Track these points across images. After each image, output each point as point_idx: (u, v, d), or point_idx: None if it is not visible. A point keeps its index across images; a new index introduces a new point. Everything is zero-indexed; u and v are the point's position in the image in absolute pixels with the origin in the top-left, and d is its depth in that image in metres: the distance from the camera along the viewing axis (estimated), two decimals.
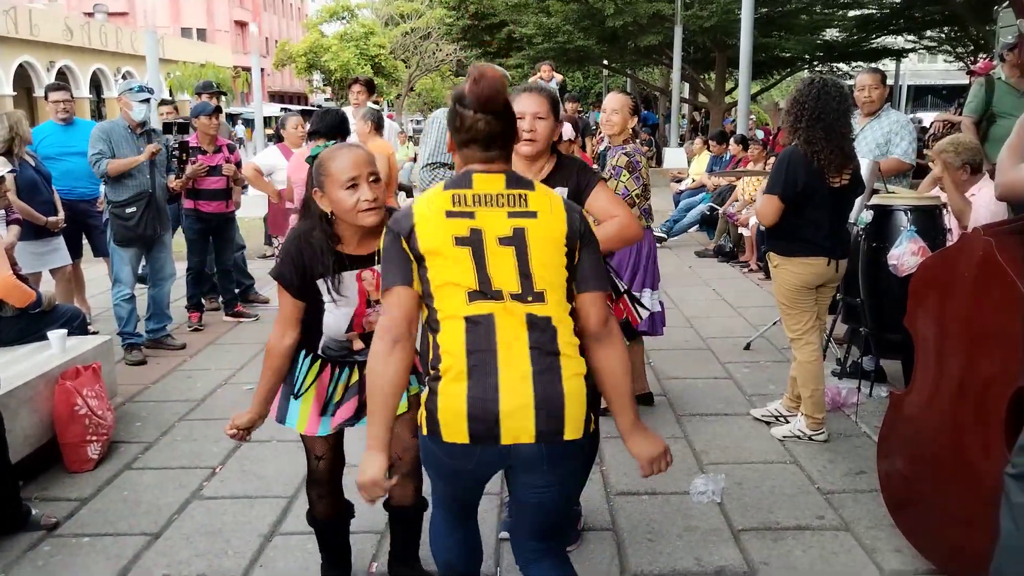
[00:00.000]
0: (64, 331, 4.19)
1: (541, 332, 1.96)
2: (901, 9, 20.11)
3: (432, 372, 1.99)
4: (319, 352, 2.61)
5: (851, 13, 21.46)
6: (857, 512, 3.41)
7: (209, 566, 3.09)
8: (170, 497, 3.63)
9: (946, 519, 2.79)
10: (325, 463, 2.76)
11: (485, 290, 1.96)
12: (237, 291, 6.89)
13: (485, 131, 2.03)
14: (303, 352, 2.62)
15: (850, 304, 4.86)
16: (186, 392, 4.98)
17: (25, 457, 3.69)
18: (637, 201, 4.06)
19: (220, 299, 6.82)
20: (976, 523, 2.57)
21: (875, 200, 4.58)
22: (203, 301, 6.65)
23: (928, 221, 4.40)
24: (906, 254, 4.11)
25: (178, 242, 6.26)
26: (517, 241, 1.99)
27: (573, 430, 1.96)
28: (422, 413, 2.01)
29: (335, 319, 2.51)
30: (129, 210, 5.40)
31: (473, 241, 1.97)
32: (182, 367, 5.48)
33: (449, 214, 1.99)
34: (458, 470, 2.06)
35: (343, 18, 42.10)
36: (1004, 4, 8.09)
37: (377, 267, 2.46)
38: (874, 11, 20.69)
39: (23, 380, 3.75)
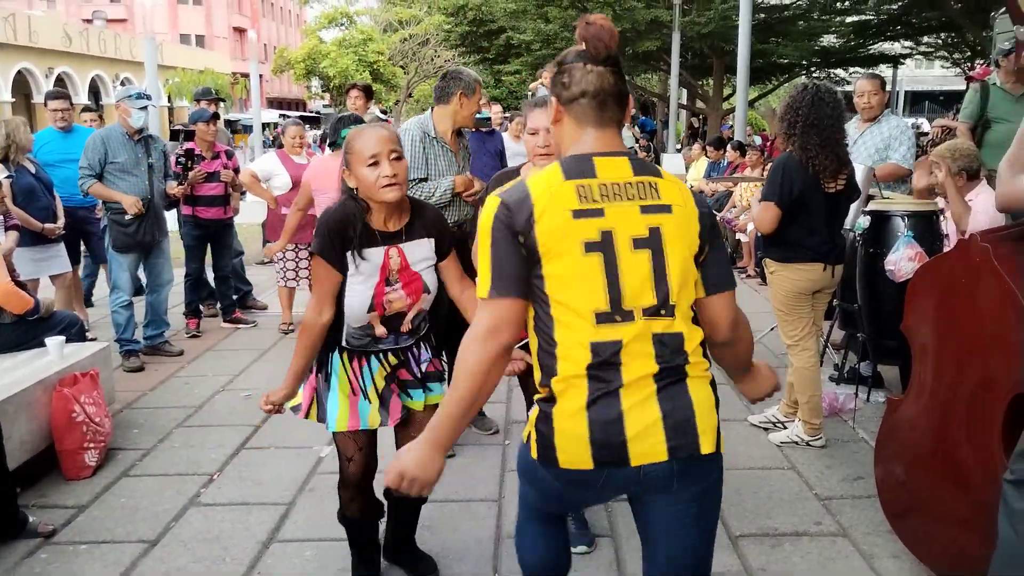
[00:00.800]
0: (62, 338, 4.19)
1: (669, 348, 1.78)
2: (898, 15, 20.15)
3: (544, 391, 1.81)
4: (344, 344, 2.67)
5: (848, 19, 21.51)
6: (855, 518, 3.41)
7: (207, 573, 3.09)
8: (168, 504, 3.62)
9: (944, 525, 2.80)
10: (355, 465, 2.80)
11: (616, 310, 1.74)
12: (235, 297, 6.90)
13: (598, 86, 1.80)
14: (331, 352, 2.70)
15: (847, 310, 4.87)
16: (184, 398, 4.98)
17: (22, 464, 3.68)
18: None
19: (218, 305, 6.82)
20: (974, 529, 2.57)
21: (872, 206, 4.59)
22: (201, 307, 6.64)
23: (925, 227, 4.41)
24: (903, 260, 4.12)
25: (176, 248, 6.25)
26: (653, 243, 1.75)
27: (708, 443, 1.80)
28: (530, 434, 1.84)
29: (356, 295, 2.55)
30: (128, 216, 5.41)
31: (604, 246, 1.73)
32: (180, 373, 5.48)
33: (577, 214, 1.73)
34: (570, 494, 1.93)
35: (342, 24, 42.15)
36: (1001, 10, 8.12)
37: (403, 245, 2.58)
38: (871, 17, 20.75)
39: (21, 387, 3.75)
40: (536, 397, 1.85)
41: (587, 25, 1.80)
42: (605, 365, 1.74)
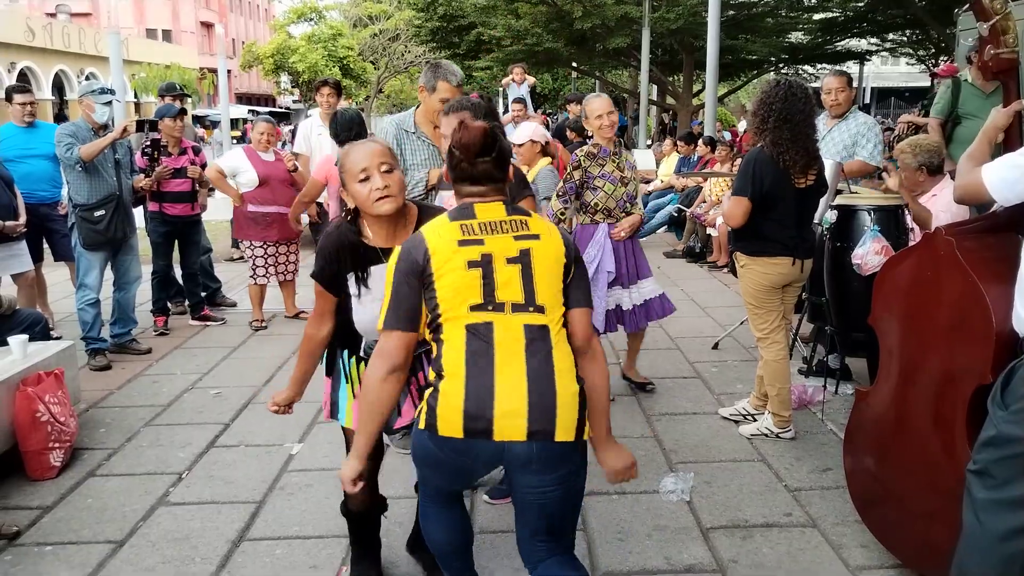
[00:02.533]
0: (25, 336, 4.11)
1: (539, 340, 2.13)
2: (864, 13, 20.37)
3: (435, 374, 2.15)
4: (361, 355, 2.68)
5: (816, 16, 21.71)
6: (824, 509, 3.45)
7: (176, 573, 3.05)
8: (136, 504, 3.57)
9: (911, 515, 2.83)
10: None
11: (488, 302, 2.13)
12: (204, 294, 6.82)
13: (470, 172, 2.24)
14: (346, 352, 2.72)
15: (815, 303, 4.92)
16: (152, 397, 4.92)
17: None
18: (561, 218, 4.57)
19: (186, 303, 6.74)
20: (940, 518, 2.61)
21: (839, 200, 4.64)
22: (169, 305, 6.56)
23: (891, 221, 4.46)
24: (869, 253, 4.16)
25: (143, 245, 6.17)
26: (523, 259, 2.18)
27: (564, 432, 2.10)
28: (422, 408, 2.16)
29: (366, 314, 2.53)
30: (98, 213, 5.32)
31: (484, 263, 2.15)
32: (147, 372, 5.41)
33: (461, 243, 2.16)
34: (449, 464, 2.19)
35: (311, 19, 41.80)
36: (965, 7, 8.23)
37: None
38: (838, 14, 20.95)
39: None
40: (433, 379, 2.17)
41: (459, 130, 2.22)
42: (481, 346, 2.11)
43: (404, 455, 3.25)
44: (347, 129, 5.18)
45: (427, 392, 2.18)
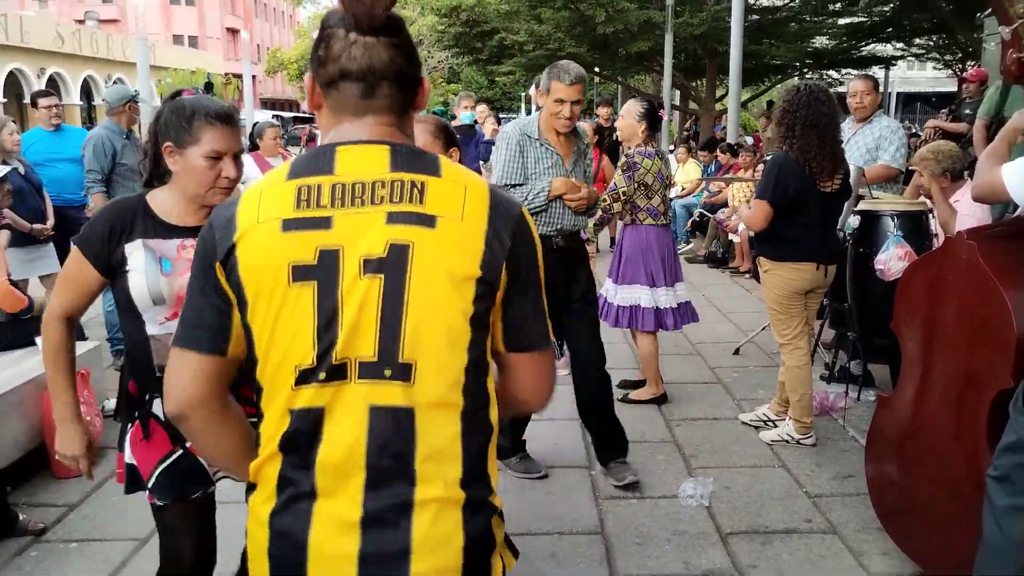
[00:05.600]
0: None
1: (390, 438, 1.24)
2: (890, 18, 20.22)
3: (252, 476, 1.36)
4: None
5: (841, 21, 21.58)
6: (845, 516, 3.43)
7: None
8: None
9: (932, 522, 2.81)
10: None
11: (324, 364, 1.23)
12: None
13: (364, 64, 1.28)
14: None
15: (837, 309, 4.89)
16: None
17: (13, 463, 3.68)
18: (623, 197, 4.44)
19: None
20: (961, 525, 2.58)
21: (862, 205, 4.62)
22: None
23: (914, 226, 4.44)
24: (893, 259, 4.14)
25: None
26: (391, 266, 1.23)
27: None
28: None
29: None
30: None
31: (321, 272, 1.23)
32: None
33: (288, 225, 1.24)
34: None
35: None
36: (988, 12, 8.16)
37: None
38: (864, 19, 20.81)
39: (11, 385, 3.75)
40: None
41: None
42: (299, 460, 1.26)
43: None
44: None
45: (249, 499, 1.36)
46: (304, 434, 1.25)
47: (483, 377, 1.32)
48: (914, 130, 18.95)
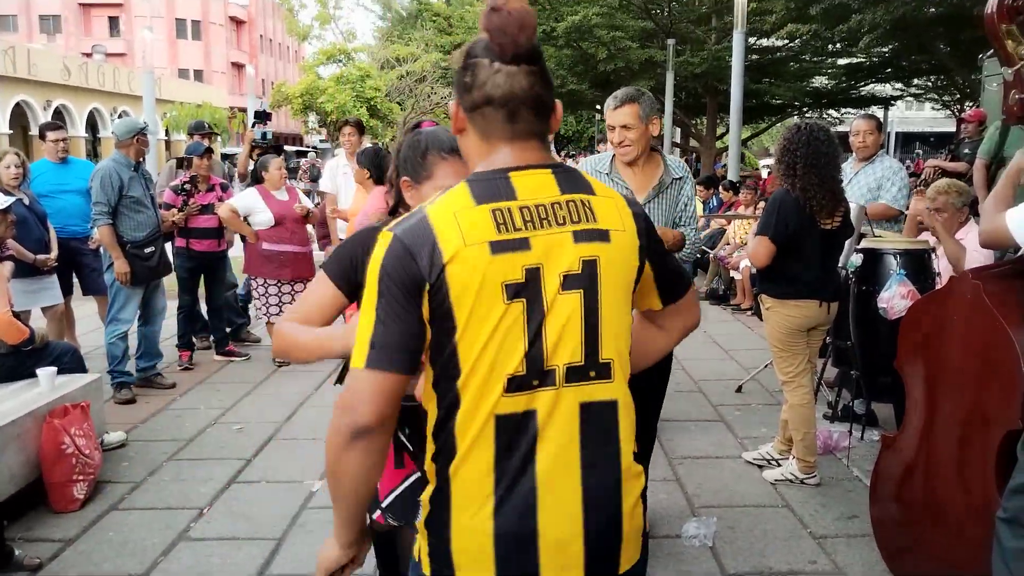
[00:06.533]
0: (54, 369, 4.16)
1: (599, 427, 1.43)
2: (889, 58, 20.46)
3: (435, 475, 1.44)
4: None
5: (840, 61, 21.82)
6: (850, 557, 3.39)
7: None
8: (156, 538, 3.58)
9: (939, 563, 2.78)
10: None
11: (534, 371, 1.36)
12: (228, 330, 6.87)
13: (507, 90, 1.39)
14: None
15: (840, 347, 4.87)
16: (175, 431, 4.94)
17: (10, 496, 3.64)
18: None
19: (211, 338, 6.80)
20: (969, 567, 2.56)
21: (865, 244, 4.62)
22: (194, 340, 6.62)
23: (917, 264, 4.44)
24: (896, 297, 4.14)
25: (169, 280, 6.25)
26: (586, 280, 1.39)
27: (629, 557, 1.49)
28: (422, 546, 1.46)
29: None
30: (148, 250, 5.48)
31: (529, 289, 1.35)
32: (171, 406, 5.45)
33: (496, 247, 1.34)
34: None
35: (339, 61, 42.52)
36: (988, 53, 8.25)
37: None
38: (863, 60, 21.04)
39: (11, 418, 3.72)
40: (426, 493, 1.45)
41: (491, 13, 1.36)
42: (516, 460, 1.38)
43: None
44: (376, 165, 4.81)
45: (421, 515, 1.47)
46: (518, 431, 1.37)
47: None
48: (911, 170, 19.08)
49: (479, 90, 1.40)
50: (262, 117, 7.45)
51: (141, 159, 5.57)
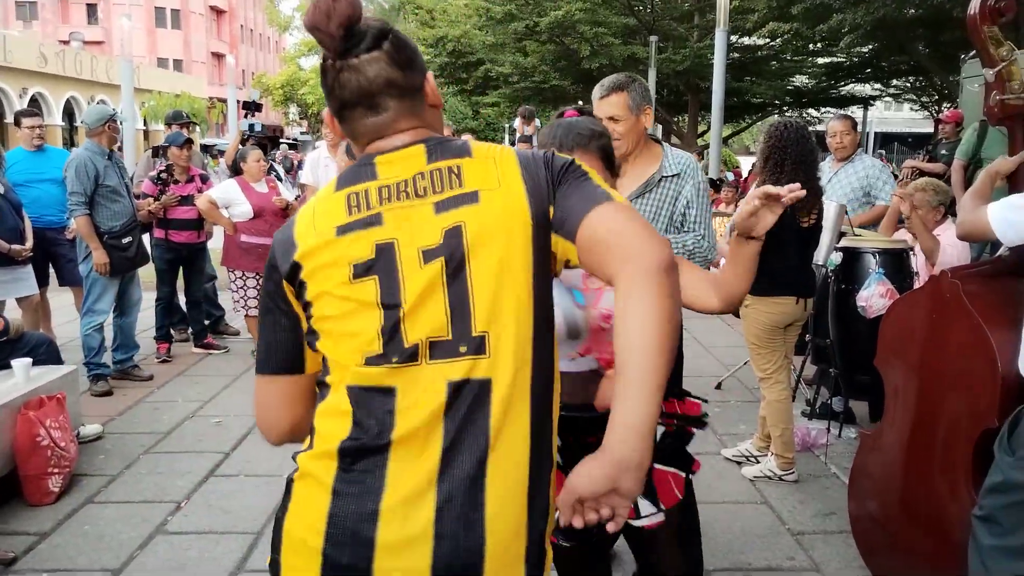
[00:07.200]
0: (28, 360, 4.11)
1: (469, 408, 1.26)
2: (869, 58, 20.64)
3: (294, 461, 1.37)
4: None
5: (820, 60, 21.99)
6: (827, 554, 3.41)
7: None
8: (133, 532, 3.54)
9: (916, 561, 2.80)
10: None
11: (392, 351, 1.26)
12: (207, 322, 6.82)
13: (353, 86, 1.32)
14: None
15: (819, 345, 4.91)
16: (152, 424, 4.90)
17: None
18: None
19: (189, 330, 6.74)
20: (946, 565, 2.58)
21: (844, 242, 4.66)
22: (172, 332, 6.56)
23: (896, 264, 4.48)
24: (875, 296, 4.17)
25: (147, 272, 6.19)
26: (449, 248, 1.26)
27: (500, 564, 1.26)
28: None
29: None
30: (126, 240, 5.42)
31: (380, 265, 1.27)
32: (149, 399, 5.40)
33: (342, 230, 1.29)
34: None
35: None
36: (971, 54, 8.34)
37: None
38: (843, 60, 21.21)
39: None
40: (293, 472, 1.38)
41: (309, 9, 1.30)
42: (368, 438, 1.27)
43: None
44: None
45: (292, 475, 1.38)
46: (373, 405, 1.28)
47: (551, 344, 1.35)
48: (892, 169, 19.26)
49: (332, 95, 1.35)
50: (252, 108, 7.35)
51: (114, 147, 5.51)
